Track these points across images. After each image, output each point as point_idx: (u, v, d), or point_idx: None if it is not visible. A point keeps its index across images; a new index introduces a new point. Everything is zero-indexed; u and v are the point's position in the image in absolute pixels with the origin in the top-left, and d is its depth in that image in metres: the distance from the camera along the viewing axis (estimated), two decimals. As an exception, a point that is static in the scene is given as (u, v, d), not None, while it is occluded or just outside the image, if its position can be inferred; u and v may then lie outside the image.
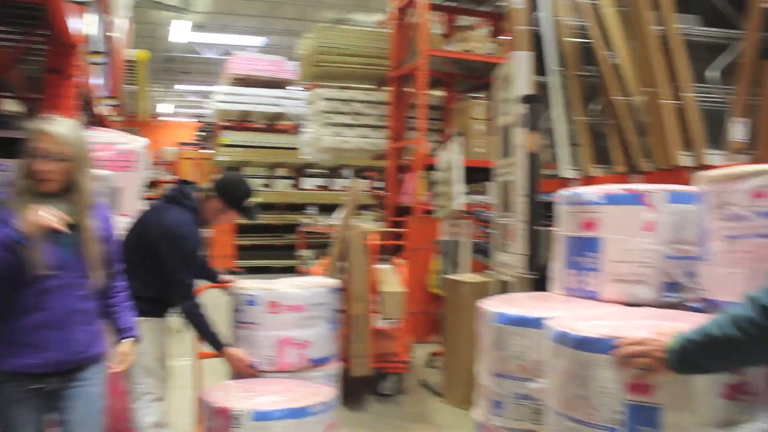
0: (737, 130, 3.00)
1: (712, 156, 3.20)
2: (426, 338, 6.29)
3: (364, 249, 4.60)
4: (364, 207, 9.84)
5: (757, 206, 1.85)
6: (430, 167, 6.91)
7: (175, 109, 25.47)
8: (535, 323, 2.15)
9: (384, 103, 9.00)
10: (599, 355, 1.73)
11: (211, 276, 3.68)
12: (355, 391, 4.95)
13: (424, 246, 6.16)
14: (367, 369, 4.60)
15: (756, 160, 2.91)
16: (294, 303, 3.30)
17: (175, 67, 19.13)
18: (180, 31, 14.96)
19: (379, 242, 5.21)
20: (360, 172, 12.79)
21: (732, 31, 3.42)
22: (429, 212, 6.59)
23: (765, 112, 2.98)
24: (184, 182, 3.52)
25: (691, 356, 1.53)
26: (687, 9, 3.55)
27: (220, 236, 11.62)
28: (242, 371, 3.27)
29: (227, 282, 3.58)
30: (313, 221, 11.81)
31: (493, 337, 2.31)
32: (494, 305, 2.37)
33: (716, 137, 3.31)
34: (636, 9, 3.44)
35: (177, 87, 21.96)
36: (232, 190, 3.40)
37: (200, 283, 3.44)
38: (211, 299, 3.45)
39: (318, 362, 3.37)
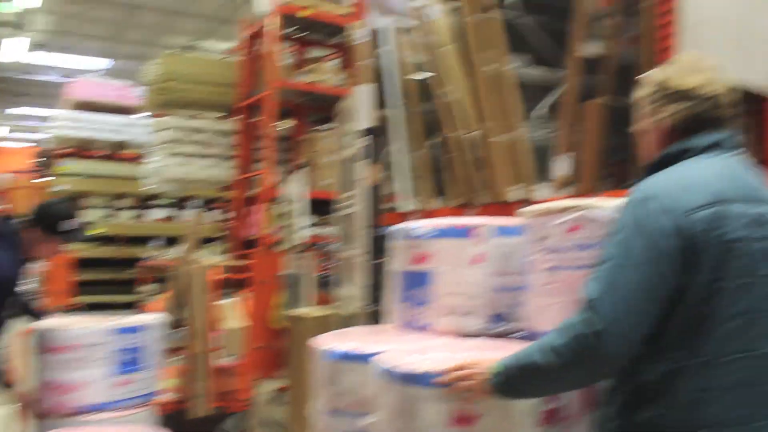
0: (561, 166, 3.15)
1: (541, 190, 3.34)
2: (271, 374, 6.13)
3: (204, 284, 4.42)
4: (210, 240, 9.56)
5: (572, 239, 1.93)
6: (277, 199, 6.82)
7: (10, 133, 23.80)
8: (365, 359, 2.13)
9: (233, 133, 8.82)
10: (423, 389, 1.72)
11: (35, 315, 3.41)
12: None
13: (269, 279, 6.03)
14: (207, 409, 4.40)
15: (578, 194, 3.07)
16: (59, 344, 3.09)
17: (9, 88, 17.90)
18: (15, 50, 14.02)
19: (221, 276, 5.04)
20: (207, 204, 12.43)
21: (559, 72, 3.61)
22: (275, 245, 6.47)
23: (585, 149, 3.15)
24: (4, 218, 3.27)
25: (510, 381, 1.62)
26: (519, 50, 3.72)
27: (56, 271, 10.88)
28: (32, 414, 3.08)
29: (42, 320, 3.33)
30: (156, 254, 11.32)
31: (326, 374, 2.26)
32: (326, 341, 2.32)
33: (545, 172, 3.47)
34: (471, 48, 3.56)
35: (10, 111, 20.54)
36: (47, 215, 3.18)
37: (23, 323, 3.19)
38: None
39: (95, 408, 3.14)
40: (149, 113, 10.87)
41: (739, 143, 1.75)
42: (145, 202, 12.91)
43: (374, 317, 3.70)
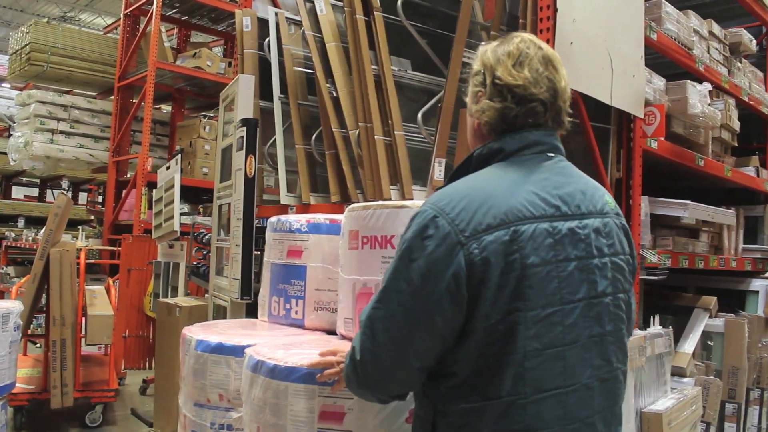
0: (437, 170, 3.27)
1: (418, 191, 3.45)
2: (141, 364, 5.97)
3: (70, 268, 4.25)
4: (79, 222, 9.14)
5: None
6: (153, 184, 6.64)
7: None
8: (234, 351, 2.14)
9: (107, 113, 8.48)
10: (291, 383, 1.75)
11: None
12: (56, 424, 4.54)
13: (141, 267, 5.87)
14: (68, 400, 4.24)
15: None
16: None
17: None
18: None
19: (89, 260, 4.85)
20: (78, 185, 11.87)
21: (439, 78, 3.74)
22: (148, 231, 6.30)
23: (459, 155, 3.28)
24: None
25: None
26: (401, 53, 3.82)
27: None
28: None
29: None
30: (19, 235, 10.69)
31: (194, 365, 2.25)
32: (196, 332, 2.31)
33: (422, 174, 3.57)
34: (356, 47, 3.62)
35: None
36: None
37: None
38: None
39: None
40: (14, 84, 10.27)
41: (560, 148, 1.53)
42: (9, 178, 12.16)
43: (247, 309, 3.69)
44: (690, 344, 4.29)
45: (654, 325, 3.60)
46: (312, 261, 2.41)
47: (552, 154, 1.50)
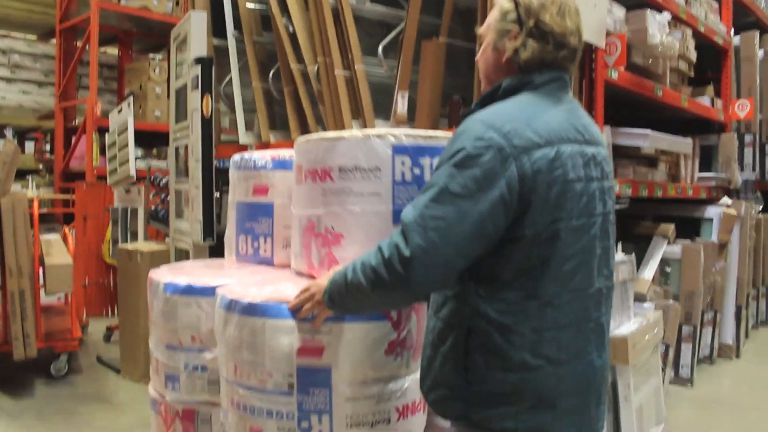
0: (400, 103, 3.22)
1: (379, 125, 3.40)
2: (103, 312, 5.90)
3: (24, 217, 4.12)
4: (28, 172, 8.87)
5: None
6: (104, 130, 6.43)
7: None
8: (205, 291, 2.10)
9: (50, 57, 8.14)
10: (269, 320, 1.73)
11: None
12: (20, 375, 4.47)
13: (97, 214, 5.73)
14: (31, 350, 4.16)
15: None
16: None
17: None
18: None
19: (42, 210, 4.71)
20: (24, 134, 11.46)
21: (400, 10, 3.65)
22: (102, 177, 6.14)
23: (423, 88, 3.23)
24: None
25: (336, 296, 1.59)
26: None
27: None
28: None
29: None
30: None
31: (164, 308, 2.20)
32: (163, 275, 2.26)
33: (384, 108, 3.52)
34: (311, -21, 3.50)
35: None
36: None
37: None
38: None
39: None
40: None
41: (569, 86, 1.66)
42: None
43: (209, 251, 3.65)
44: (649, 270, 4.39)
45: (617, 252, 3.66)
46: (278, 198, 2.36)
47: (568, 89, 1.64)
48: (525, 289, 1.47)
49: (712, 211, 5.23)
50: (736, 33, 5.81)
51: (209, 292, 2.07)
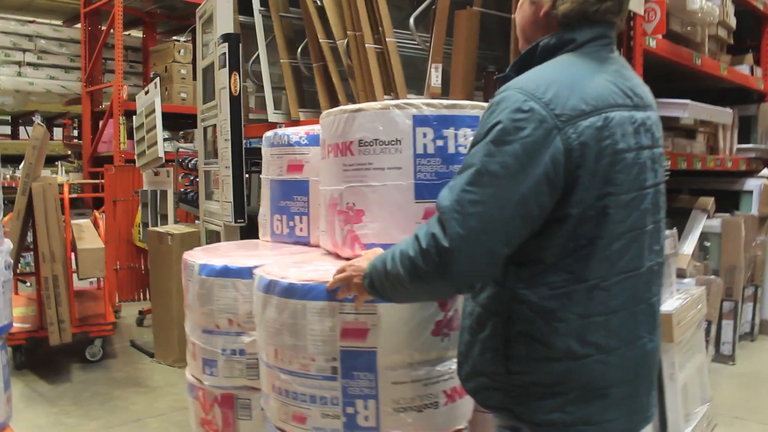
0: (434, 76, 3.12)
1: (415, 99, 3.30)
2: (135, 296, 5.91)
3: (55, 203, 4.10)
4: (58, 158, 8.91)
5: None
6: (130, 113, 6.41)
7: None
8: (241, 273, 2.04)
9: (76, 41, 8.13)
10: (309, 302, 1.66)
11: None
12: (56, 361, 4.49)
13: (126, 197, 5.72)
14: (66, 336, 4.16)
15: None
16: None
17: None
18: None
19: (72, 195, 4.70)
20: (53, 120, 11.52)
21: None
22: (130, 161, 6.12)
23: (456, 60, 3.13)
24: None
25: (377, 284, 1.49)
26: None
27: None
28: None
29: None
30: (-5, 174, 10.43)
31: (199, 291, 2.15)
32: (198, 256, 2.20)
33: (417, 83, 3.43)
34: (339, -49, 3.40)
35: None
36: None
37: None
38: None
39: None
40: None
41: (614, 44, 1.50)
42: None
43: (241, 233, 3.60)
44: (689, 245, 4.27)
45: (659, 227, 3.55)
46: (314, 175, 2.28)
47: (614, 48, 1.49)
48: (571, 272, 1.35)
49: (752, 183, 5.08)
50: (775, -2, 5.61)
51: (246, 273, 2.01)
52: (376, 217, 1.85)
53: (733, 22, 4.69)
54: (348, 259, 1.91)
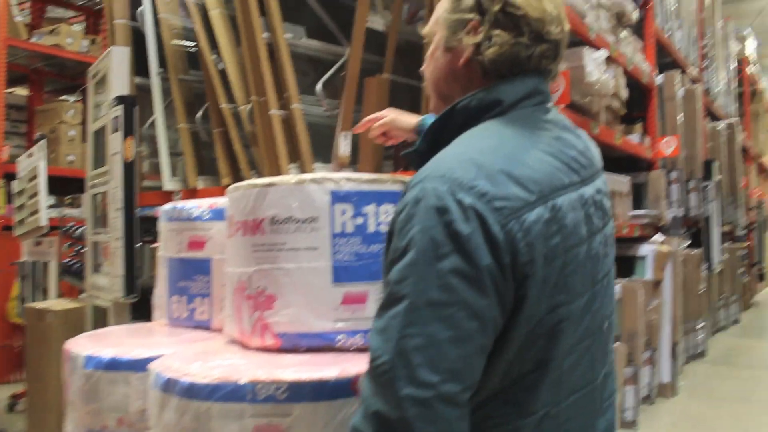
0: (342, 145, 3.01)
1: (318, 169, 3.18)
2: (7, 378, 5.40)
3: None
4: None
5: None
6: (11, 176, 5.97)
7: None
8: (134, 366, 1.80)
9: (-48, 98, 7.59)
10: (215, 403, 1.45)
11: None
12: None
13: (2, 269, 5.27)
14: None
15: (358, 172, 2.94)
16: None
17: None
18: None
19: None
20: None
21: (336, 46, 3.47)
22: (8, 228, 5.67)
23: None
24: None
25: None
26: (293, 20, 3.51)
27: None
28: None
29: None
30: None
31: (84, 387, 1.88)
32: (82, 346, 1.94)
33: (323, 151, 3.30)
34: (244, 14, 3.28)
35: None
36: None
37: None
38: None
39: None
40: None
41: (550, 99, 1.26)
42: None
43: (132, 309, 3.32)
44: (594, 313, 4.30)
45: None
46: (218, 253, 2.09)
47: (549, 105, 1.23)
48: (515, 404, 1.08)
49: (645, 249, 5.22)
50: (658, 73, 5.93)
51: (139, 365, 1.77)
52: (289, 303, 1.68)
53: (624, 93, 4.88)
54: (258, 349, 1.73)
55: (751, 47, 10.74)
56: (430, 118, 1.79)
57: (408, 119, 1.89)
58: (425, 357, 0.97)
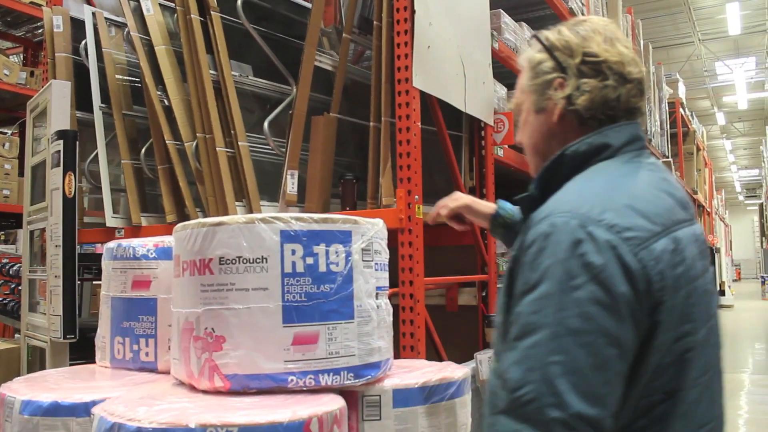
0: (290, 183, 3.00)
1: (265, 208, 3.16)
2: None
3: None
4: None
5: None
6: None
7: None
8: (75, 410, 1.73)
9: None
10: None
11: None
12: None
13: (-69, 307, 5.03)
14: None
15: (305, 211, 2.93)
16: None
17: None
18: None
19: None
20: None
21: (283, 85, 3.47)
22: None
23: (313, 166, 3.04)
24: None
25: None
26: (240, 58, 3.51)
27: None
28: None
29: None
30: None
31: (21, 433, 1.80)
32: (18, 391, 1.85)
33: (269, 188, 3.29)
34: (191, 51, 3.26)
35: None
36: None
37: None
38: None
39: None
40: None
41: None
42: None
43: (71, 350, 3.22)
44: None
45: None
46: (163, 292, 2.05)
47: (649, 152, 1.28)
48: None
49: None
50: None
51: (81, 410, 1.71)
52: (238, 344, 1.65)
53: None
54: (206, 391, 1.69)
55: (681, 90, 11.19)
56: (504, 203, 1.91)
57: (484, 205, 1.96)
58: (571, 383, 0.99)
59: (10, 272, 4.23)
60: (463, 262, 3.56)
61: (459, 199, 1.99)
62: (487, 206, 1.96)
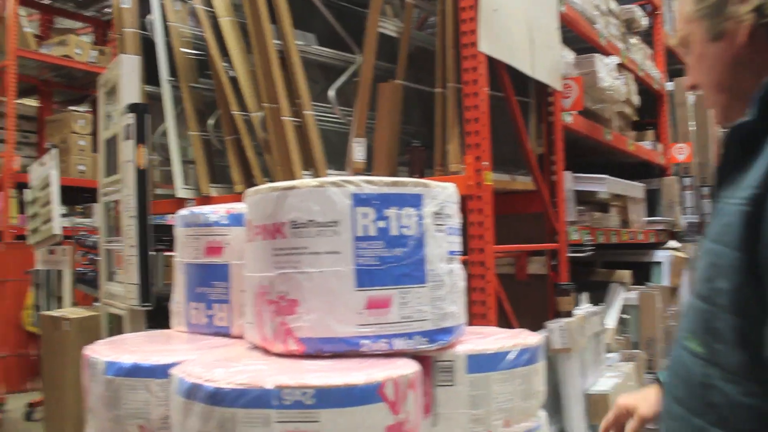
0: (357, 151, 3.00)
1: (333, 176, 3.16)
2: (23, 386, 5.39)
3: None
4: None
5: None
6: (22, 185, 5.99)
7: None
8: (155, 372, 1.78)
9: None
10: (240, 409, 1.43)
11: None
12: None
13: (16, 278, 5.27)
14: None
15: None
16: None
17: None
18: None
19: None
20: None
21: (347, 54, 3.46)
22: (22, 237, 5.68)
23: (379, 134, 3.02)
24: None
25: None
26: (303, 27, 3.51)
27: None
28: None
29: None
30: None
31: (104, 393, 1.86)
32: (102, 352, 1.92)
33: (335, 158, 3.29)
34: (255, 21, 3.27)
35: None
36: None
37: None
38: None
39: None
40: None
41: None
42: None
43: (147, 317, 3.31)
44: (611, 319, 4.26)
45: (583, 302, 3.51)
46: (235, 258, 2.07)
47: None
48: None
49: (661, 255, 5.18)
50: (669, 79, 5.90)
51: (160, 372, 1.76)
52: (312, 308, 1.65)
53: (636, 99, 4.85)
54: (280, 355, 1.71)
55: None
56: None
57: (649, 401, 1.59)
58: None
59: (88, 244, 4.38)
60: (532, 231, 3.51)
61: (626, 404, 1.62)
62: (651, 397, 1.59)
